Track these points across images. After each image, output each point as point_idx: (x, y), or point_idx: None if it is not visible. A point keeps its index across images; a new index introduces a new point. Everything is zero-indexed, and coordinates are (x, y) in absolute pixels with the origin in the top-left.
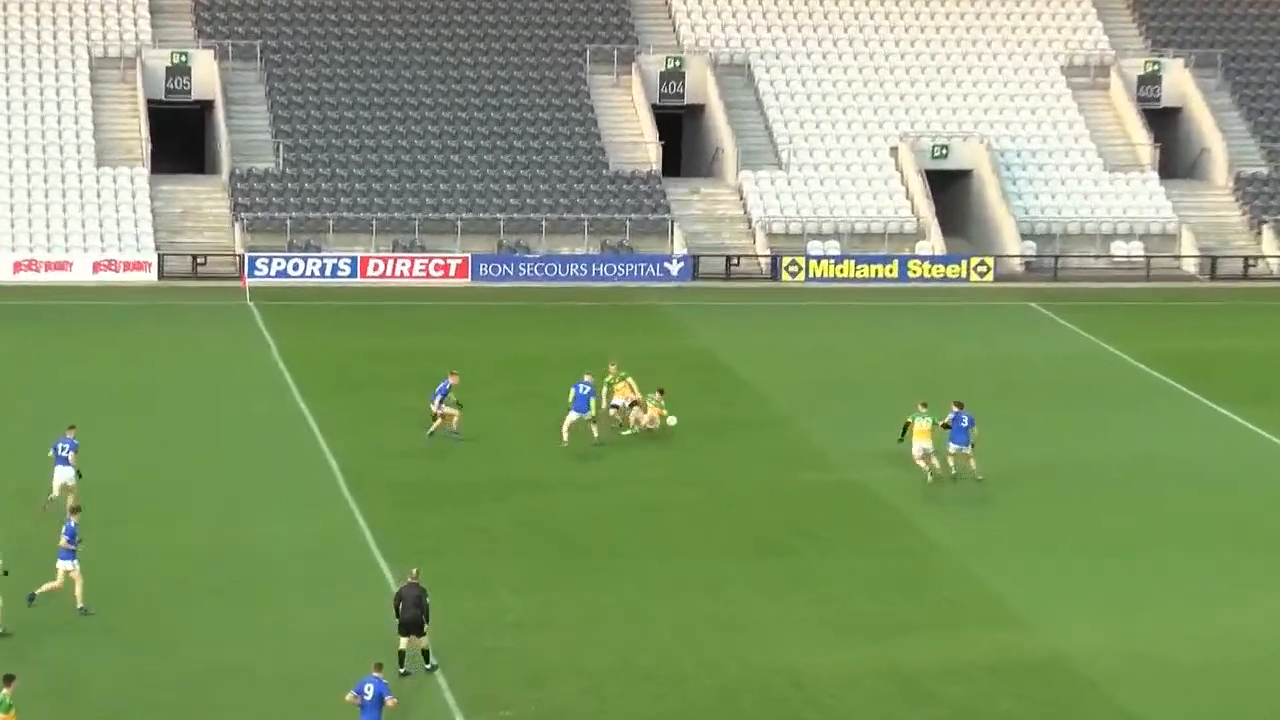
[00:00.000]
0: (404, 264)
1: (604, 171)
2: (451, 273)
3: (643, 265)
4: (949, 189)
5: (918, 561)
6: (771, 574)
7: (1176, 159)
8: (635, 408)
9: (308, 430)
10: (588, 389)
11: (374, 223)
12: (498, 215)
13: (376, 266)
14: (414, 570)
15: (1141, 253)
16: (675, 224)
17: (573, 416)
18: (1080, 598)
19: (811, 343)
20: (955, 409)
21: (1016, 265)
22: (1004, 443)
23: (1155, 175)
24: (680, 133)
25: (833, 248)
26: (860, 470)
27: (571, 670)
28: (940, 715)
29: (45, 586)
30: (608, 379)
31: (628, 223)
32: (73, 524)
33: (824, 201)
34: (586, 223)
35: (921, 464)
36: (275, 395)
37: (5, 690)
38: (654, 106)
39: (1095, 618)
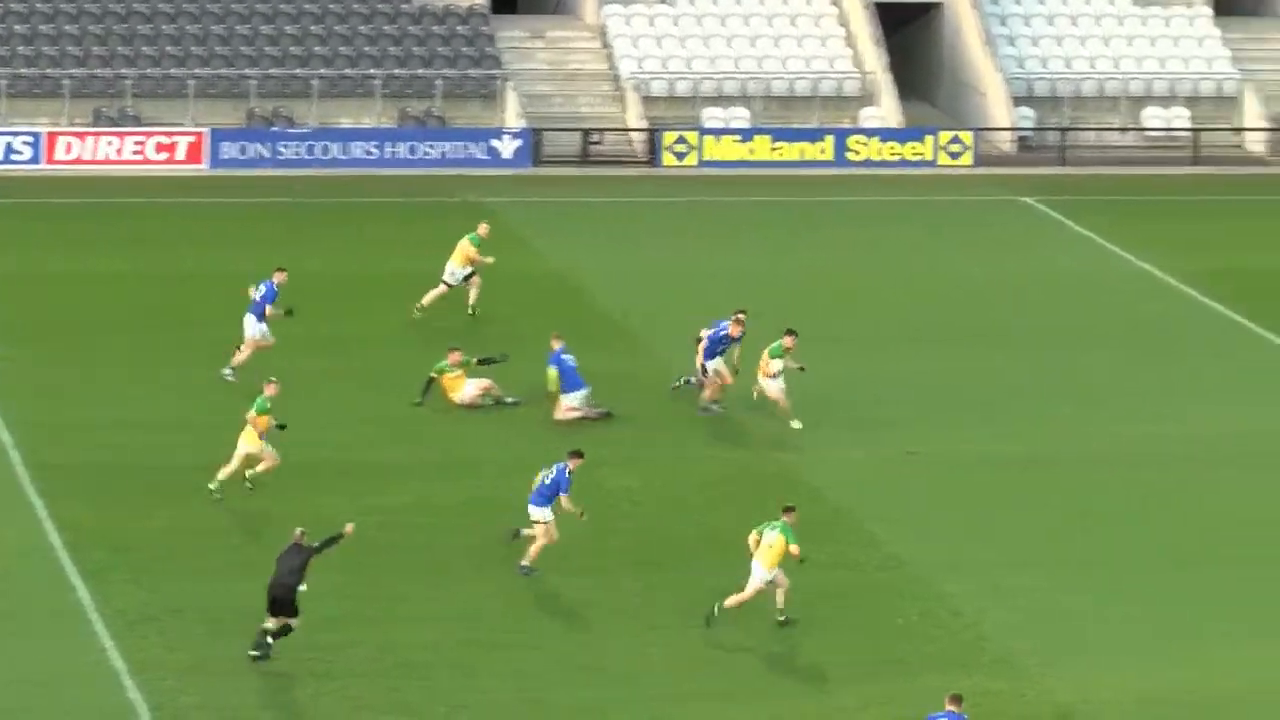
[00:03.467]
0: (110, 143)
1: (403, 7)
2: (180, 155)
3: (462, 145)
4: (909, 32)
5: (865, 577)
6: (653, 596)
7: None
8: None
9: None
10: (570, 358)
11: (66, 84)
12: (247, 72)
13: (70, 147)
14: (299, 530)
15: (1188, 124)
16: (509, 84)
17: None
18: (1093, 630)
19: (709, 260)
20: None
21: (1006, 143)
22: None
23: (1208, 11)
24: None
25: (738, 118)
26: (793, 451)
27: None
28: None
29: None
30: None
31: (439, 82)
32: None
33: (726, 50)
34: (378, 83)
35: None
36: None
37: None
38: None
39: (1115, 658)
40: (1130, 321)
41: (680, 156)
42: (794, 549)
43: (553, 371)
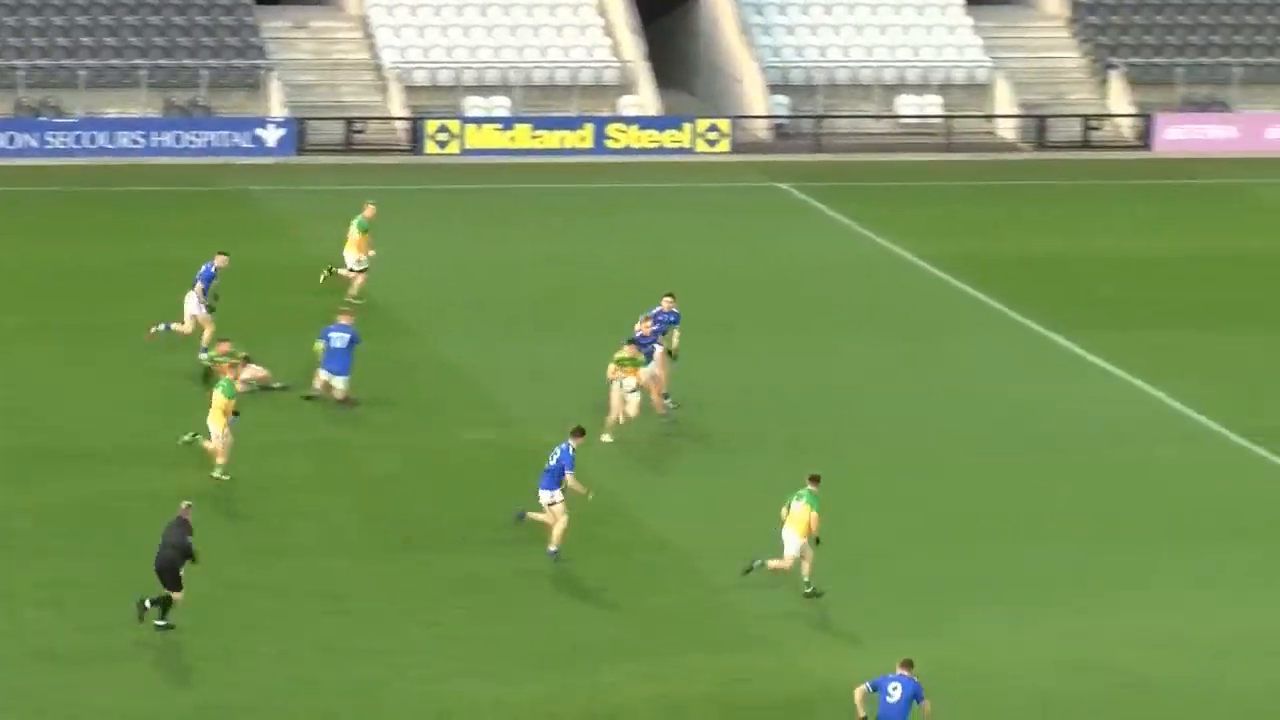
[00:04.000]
0: None
1: None
2: None
3: (226, 134)
4: (667, 21)
5: (629, 559)
6: (414, 578)
7: None
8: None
9: None
10: (346, 337)
11: None
12: (15, 63)
13: None
14: (185, 503)
15: (940, 111)
16: (273, 73)
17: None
18: (850, 612)
19: (472, 246)
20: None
21: (763, 130)
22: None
23: (961, 1)
24: None
25: (499, 106)
26: (554, 433)
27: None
28: None
29: None
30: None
31: (204, 72)
32: None
33: (486, 40)
34: (144, 73)
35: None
36: None
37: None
38: None
39: (868, 637)
40: (883, 304)
41: (442, 145)
42: (813, 517)
43: (319, 345)
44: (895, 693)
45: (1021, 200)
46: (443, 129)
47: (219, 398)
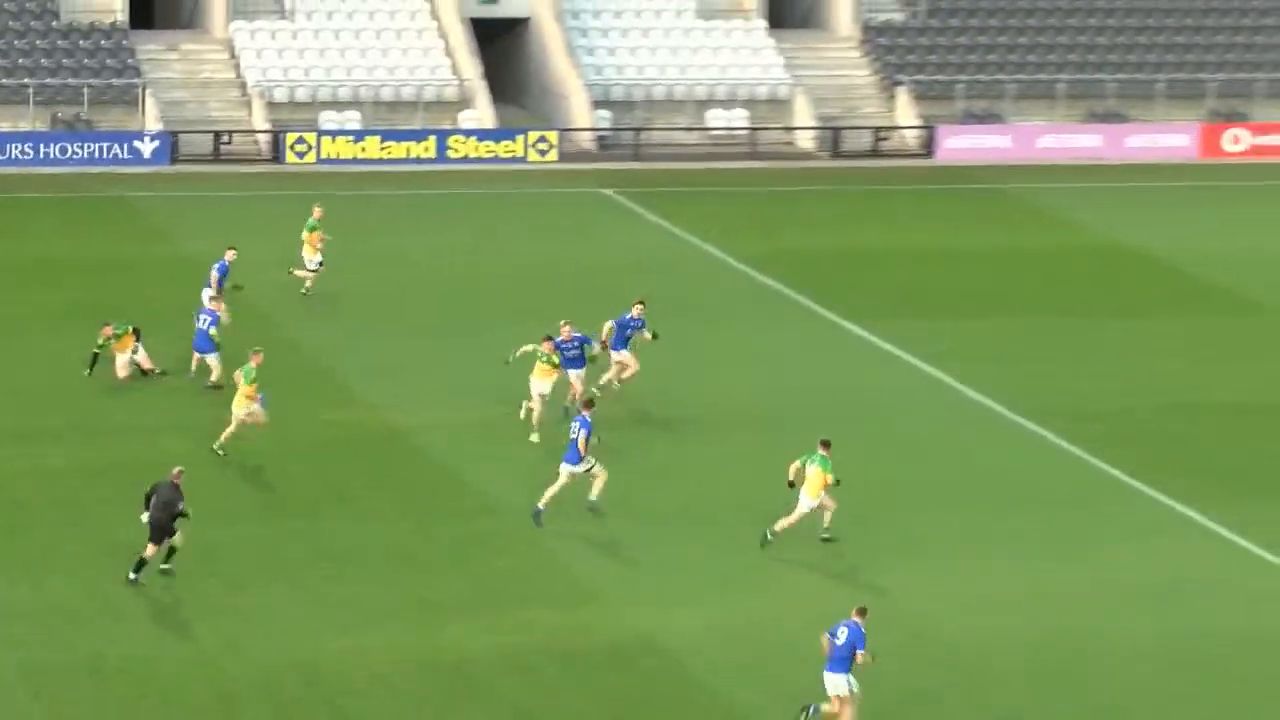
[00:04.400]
0: None
1: (54, 23)
2: None
3: (106, 145)
4: (501, 43)
5: (467, 525)
6: (283, 544)
7: (789, 4)
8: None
9: None
10: (209, 319)
11: None
12: None
13: None
14: (176, 469)
15: (746, 123)
16: (148, 91)
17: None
18: (672, 571)
19: (328, 246)
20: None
21: (587, 141)
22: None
23: (763, 24)
24: None
25: (351, 120)
26: (404, 414)
27: (18, 670)
28: (495, 714)
29: None
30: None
31: (86, 90)
32: None
33: (339, 60)
34: (32, 90)
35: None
36: None
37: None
38: None
39: (688, 593)
40: (693, 297)
41: (301, 155)
42: (829, 477)
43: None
44: (841, 636)
45: (819, 203)
46: (301, 140)
47: (241, 383)
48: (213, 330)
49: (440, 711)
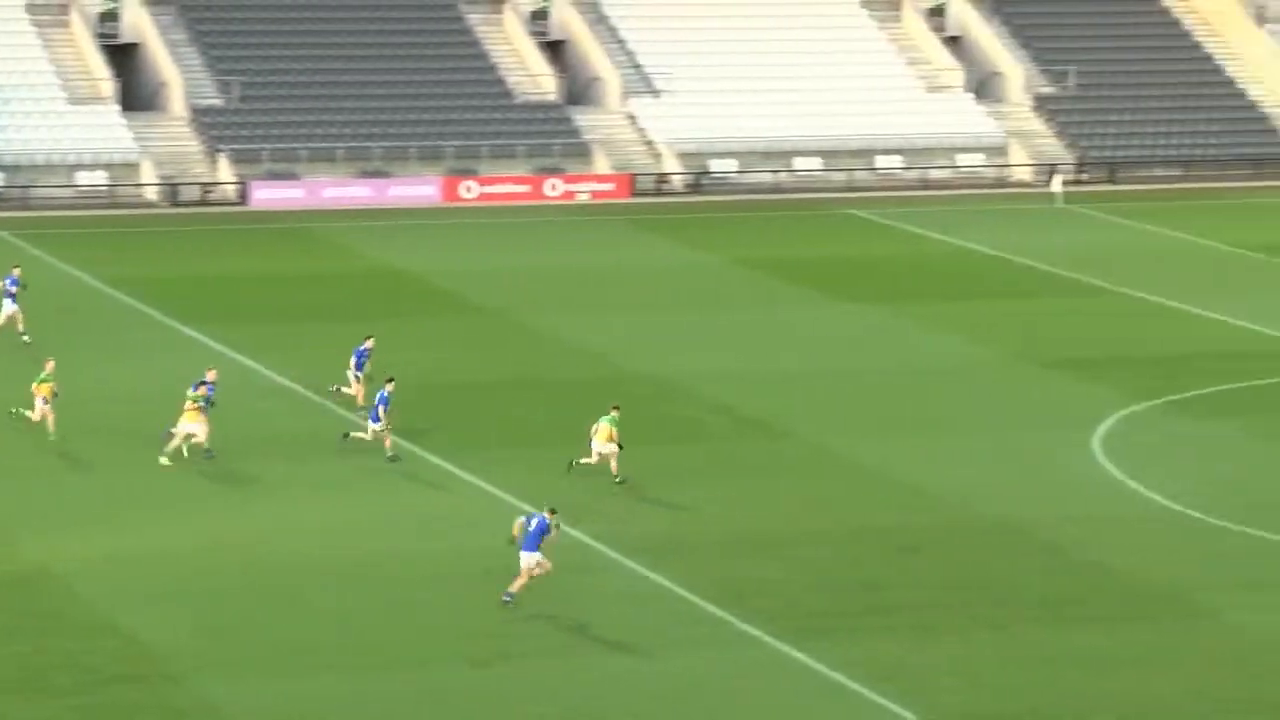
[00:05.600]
0: None
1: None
2: None
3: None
4: None
5: None
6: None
7: (137, 91)
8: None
9: None
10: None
11: None
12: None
13: None
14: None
15: (105, 181)
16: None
17: None
18: (60, 507)
19: None
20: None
21: None
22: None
23: (117, 107)
24: None
25: None
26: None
27: None
28: None
29: None
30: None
31: None
32: None
33: None
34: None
35: None
36: None
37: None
38: None
39: (76, 527)
40: (73, 309)
41: None
42: (614, 433)
43: None
44: (532, 524)
45: (162, 241)
46: None
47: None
48: None
49: None
